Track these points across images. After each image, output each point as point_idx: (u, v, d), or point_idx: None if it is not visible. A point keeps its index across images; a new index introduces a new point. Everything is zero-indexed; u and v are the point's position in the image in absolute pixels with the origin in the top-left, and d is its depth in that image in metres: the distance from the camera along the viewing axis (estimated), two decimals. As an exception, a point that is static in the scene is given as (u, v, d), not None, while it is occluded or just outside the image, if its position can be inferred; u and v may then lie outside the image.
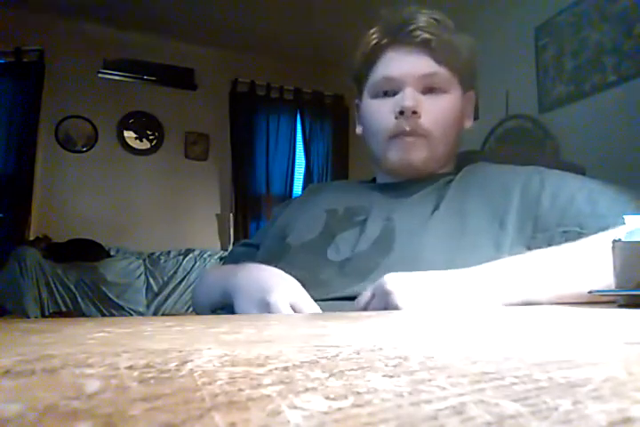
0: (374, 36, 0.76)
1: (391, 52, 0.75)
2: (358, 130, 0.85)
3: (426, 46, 0.72)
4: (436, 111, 0.73)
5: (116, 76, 3.54)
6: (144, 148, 3.61)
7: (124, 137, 3.56)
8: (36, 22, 3.28)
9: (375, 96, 0.76)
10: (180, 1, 3.10)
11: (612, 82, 2.22)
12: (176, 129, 3.67)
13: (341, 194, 0.81)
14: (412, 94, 0.72)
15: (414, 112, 0.71)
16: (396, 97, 0.73)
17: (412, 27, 0.72)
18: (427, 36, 0.72)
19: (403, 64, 0.73)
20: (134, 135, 3.59)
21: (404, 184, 0.76)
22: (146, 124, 3.61)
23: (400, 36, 0.74)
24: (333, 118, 4.04)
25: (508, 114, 2.77)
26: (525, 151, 2.54)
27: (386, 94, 0.75)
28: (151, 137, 3.63)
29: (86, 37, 3.42)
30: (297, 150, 3.96)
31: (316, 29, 3.36)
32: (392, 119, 0.73)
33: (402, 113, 0.71)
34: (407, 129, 0.71)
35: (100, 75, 3.50)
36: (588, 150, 2.18)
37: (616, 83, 2.20)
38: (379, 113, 0.75)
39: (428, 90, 0.73)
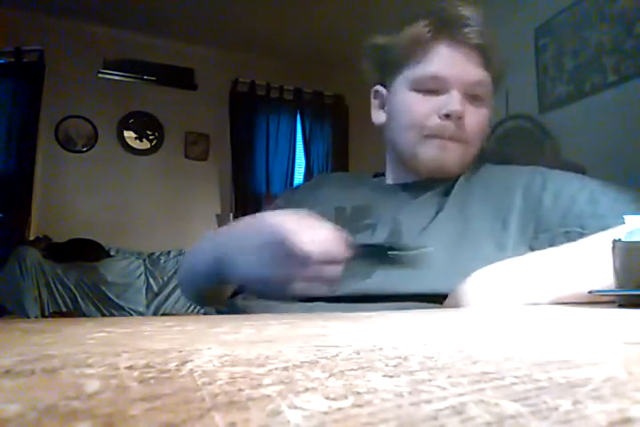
0: (427, 28, 0.71)
1: (443, 48, 0.71)
2: (378, 117, 0.80)
3: (479, 50, 0.70)
4: (477, 120, 0.72)
5: (115, 76, 3.54)
6: (144, 148, 3.61)
7: (123, 137, 3.56)
8: (36, 22, 3.28)
9: (416, 90, 0.73)
10: (180, 1, 3.10)
11: (612, 82, 2.22)
12: (176, 129, 3.67)
13: (349, 191, 0.80)
14: (460, 98, 0.69)
15: (460, 117, 0.69)
16: (442, 98, 0.70)
17: (469, 27, 0.69)
18: (481, 41, 0.70)
19: (456, 66, 0.70)
20: (134, 135, 3.59)
21: (412, 186, 0.76)
22: (146, 124, 3.61)
23: (454, 33, 0.70)
24: (333, 118, 4.04)
25: (508, 114, 2.77)
26: (525, 151, 2.54)
27: (429, 91, 0.72)
28: (151, 137, 3.63)
29: (86, 37, 3.42)
30: (297, 150, 3.96)
31: (316, 29, 3.36)
32: (435, 119, 0.70)
33: (447, 116, 0.69)
34: (450, 132, 0.70)
35: (100, 75, 3.50)
36: (587, 150, 2.18)
37: (616, 83, 2.20)
38: (419, 109, 0.72)
39: (471, 97, 0.71)
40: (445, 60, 0.71)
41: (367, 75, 0.81)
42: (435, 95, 0.71)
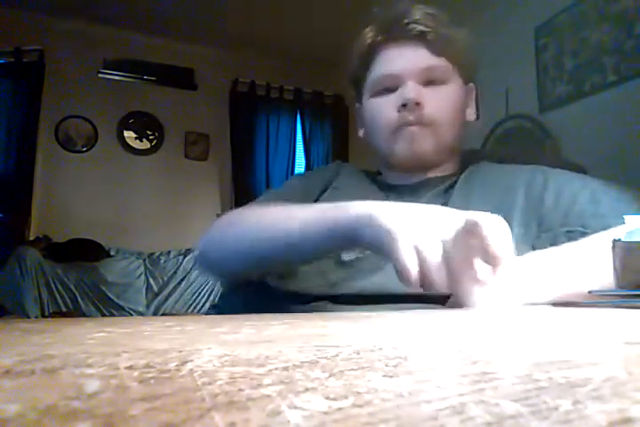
0: (369, 35, 0.76)
1: (388, 48, 0.74)
2: (361, 133, 0.84)
3: (422, 39, 0.72)
4: (439, 101, 0.72)
5: (116, 76, 3.54)
6: (144, 148, 3.61)
7: (123, 137, 3.57)
8: (36, 22, 3.28)
9: (376, 94, 0.76)
10: (180, 1, 3.10)
11: (612, 82, 2.22)
12: (176, 129, 3.67)
13: (362, 186, 0.80)
14: (413, 87, 0.71)
15: (417, 103, 0.71)
16: (398, 91, 0.73)
17: (406, 21, 0.72)
18: (422, 28, 0.71)
19: (401, 60, 0.73)
20: (134, 135, 3.59)
21: (414, 187, 0.76)
22: (146, 124, 3.61)
23: (395, 31, 0.73)
24: (333, 118, 4.04)
25: (508, 114, 2.77)
26: (526, 151, 2.54)
27: (387, 91, 0.74)
28: (151, 137, 3.63)
29: (86, 37, 3.43)
30: (297, 150, 3.96)
31: (316, 29, 3.36)
32: (395, 113, 0.72)
33: (404, 106, 0.71)
34: (411, 119, 0.71)
35: (100, 75, 3.50)
36: (587, 150, 2.18)
37: (616, 83, 2.20)
38: (381, 109, 0.74)
39: (429, 82, 0.73)
40: (392, 58, 0.74)
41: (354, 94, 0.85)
42: (393, 93, 0.74)
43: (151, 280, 3.11)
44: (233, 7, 3.14)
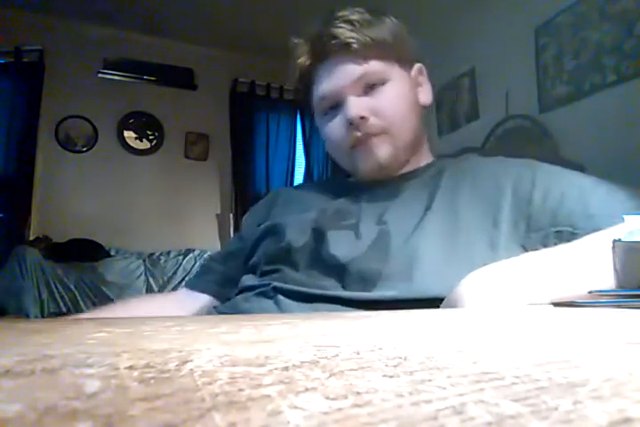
0: (300, 60, 0.77)
1: (319, 69, 0.75)
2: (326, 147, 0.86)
3: (347, 51, 0.72)
4: (384, 104, 0.72)
5: (115, 76, 3.54)
6: (144, 148, 3.61)
7: (124, 137, 3.56)
8: (36, 22, 3.28)
9: (324, 114, 0.77)
10: (180, 1, 3.10)
11: (612, 82, 2.22)
12: (176, 129, 3.67)
13: (326, 193, 0.80)
14: (354, 102, 0.71)
15: (362, 117, 0.71)
16: (342, 109, 0.73)
17: (327, 39, 0.72)
18: (344, 41, 0.71)
19: (333, 78, 0.73)
20: (134, 135, 3.59)
21: (391, 181, 0.75)
22: (146, 124, 3.61)
23: (321, 51, 0.74)
24: (333, 118, 4.03)
25: (508, 114, 2.76)
26: (525, 151, 2.54)
27: (333, 109, 0.75)
28: (151, 137, 3.63)
29: (86, 37, 3.42)
30: (297, 150, 3.96)
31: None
32: (345, 132, 0.73)
33: (351, 124, 0.71)
34: (361, 135, 0.72)
35: (100, 75, 3.50)
36: (587, 150, 2.18)
37: (616, 83, 2.20)
38: (332, 129, 0.75)
39: (369, 88, 0.73)
40: (324, 79, 0.74)
41: None
42: (339, 109, 0.74)
43: (151, 280, 3.11)
44: (233, 7, 3.14)
